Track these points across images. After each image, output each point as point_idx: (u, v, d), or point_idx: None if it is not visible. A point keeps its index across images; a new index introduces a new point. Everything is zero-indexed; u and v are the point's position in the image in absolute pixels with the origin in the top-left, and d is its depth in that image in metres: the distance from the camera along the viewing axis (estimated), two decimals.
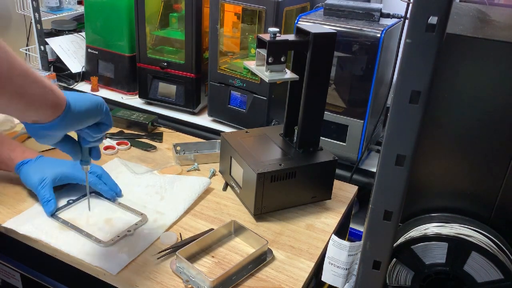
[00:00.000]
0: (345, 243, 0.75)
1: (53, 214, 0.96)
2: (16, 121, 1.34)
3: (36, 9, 2.04)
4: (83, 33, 2.07)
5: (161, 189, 1.07)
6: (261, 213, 1.00)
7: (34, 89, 0.67)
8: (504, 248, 0.81)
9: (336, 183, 1.11)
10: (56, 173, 1.00)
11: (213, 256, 0.90)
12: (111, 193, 1.02)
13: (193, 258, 0.88)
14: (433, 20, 0.46)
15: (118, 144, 1.26)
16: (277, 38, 0.94)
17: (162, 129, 1.38)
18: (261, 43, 0.97)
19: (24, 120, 0.71)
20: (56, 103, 0.71)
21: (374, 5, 1.42)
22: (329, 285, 0.81)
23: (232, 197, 1.08)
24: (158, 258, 0.87)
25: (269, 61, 0.95)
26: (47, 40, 2.09)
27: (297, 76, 0.99)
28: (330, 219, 1.02)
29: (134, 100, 1.88)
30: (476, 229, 0.81)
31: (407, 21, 0.84)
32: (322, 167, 1.03)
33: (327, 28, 1.00)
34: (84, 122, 0.76)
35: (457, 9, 0.99)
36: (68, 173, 1.01)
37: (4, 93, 0.63)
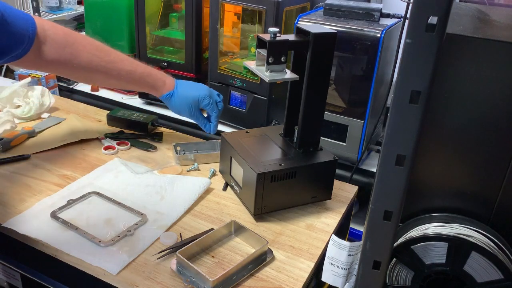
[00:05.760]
0: (345, 243, 0.75)
1: (53, 215, 0.96)
2: (17, 121, 1.33)
3: (36, 9, 2.05)
4: (83, 33, 2.07)
5: (161, 189, 1.07)
6: (261, 213, 1.00)
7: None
8: (504, 248, 0.81)
9: (336, 183, 1.11)
10: (195, 99, 1.21)
11: (213, 256, 0.90)
12: (210, 126, 1.24)
13: (193, 258, 0.88)
14: (433, 20, 0.46)
15: (118, 144, 1.26)
16: (277, 38, 0.94)
17: (162, 129, 1.38)
18: (261, 43, 0.97)
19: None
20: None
21: (374, 5, 1.42)
22: (329, 285, 0.81)
23: (232, 197, 1.08)
24: (158, 258, 0.87)
25: (269, 61, 0.95)
26: None
27: (297, 76, 0.99)
28: (330, 219, 1.02)
29: (134, 100, 1.88)
30: (476, 229, 0.81)
31: (407, 21, 0.84)
32: (322, 167, 1.03)
33: (327, 28, 1.00)
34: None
35: (457, 9, 0.99)
36: (204, 95, 1.21)
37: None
